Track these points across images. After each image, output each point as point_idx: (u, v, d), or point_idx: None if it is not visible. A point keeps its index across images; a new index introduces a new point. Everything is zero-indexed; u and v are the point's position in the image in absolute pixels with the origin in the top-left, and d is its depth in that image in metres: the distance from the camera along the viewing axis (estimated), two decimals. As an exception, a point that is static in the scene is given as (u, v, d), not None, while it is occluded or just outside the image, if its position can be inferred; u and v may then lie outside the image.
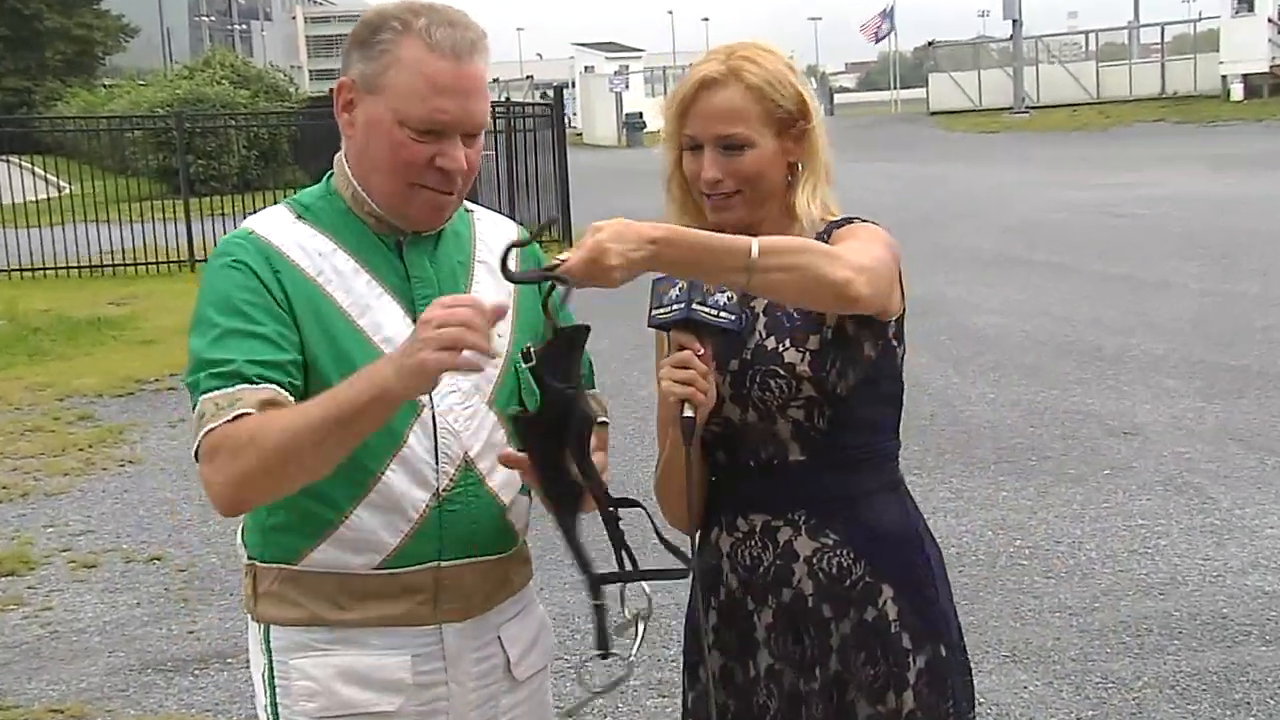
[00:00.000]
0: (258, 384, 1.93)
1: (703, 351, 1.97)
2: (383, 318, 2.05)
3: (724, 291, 1.91)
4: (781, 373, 2.07)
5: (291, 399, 1.95)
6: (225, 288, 2.00)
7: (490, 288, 2.10)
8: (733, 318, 1.95)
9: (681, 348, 1.98)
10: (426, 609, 2.11)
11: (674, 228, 1.82)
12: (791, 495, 2.16)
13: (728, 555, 2.21)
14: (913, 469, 6.17)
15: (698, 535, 2.10)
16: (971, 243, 14.32)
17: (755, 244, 1.83)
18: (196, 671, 5.09)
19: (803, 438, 2.11)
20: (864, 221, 2.15)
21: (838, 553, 2.15)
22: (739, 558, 2.21)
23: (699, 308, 1.93)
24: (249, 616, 2.17)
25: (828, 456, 2.14)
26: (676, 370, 1.99)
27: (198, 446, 1.94)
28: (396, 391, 1.82)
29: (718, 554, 2.22)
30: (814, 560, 2.15)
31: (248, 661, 2.23)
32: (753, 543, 2.19)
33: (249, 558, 2.14)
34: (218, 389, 1.93)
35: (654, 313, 1.94)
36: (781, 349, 2.09)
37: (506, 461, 1.99)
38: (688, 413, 1.98)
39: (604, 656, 1.87)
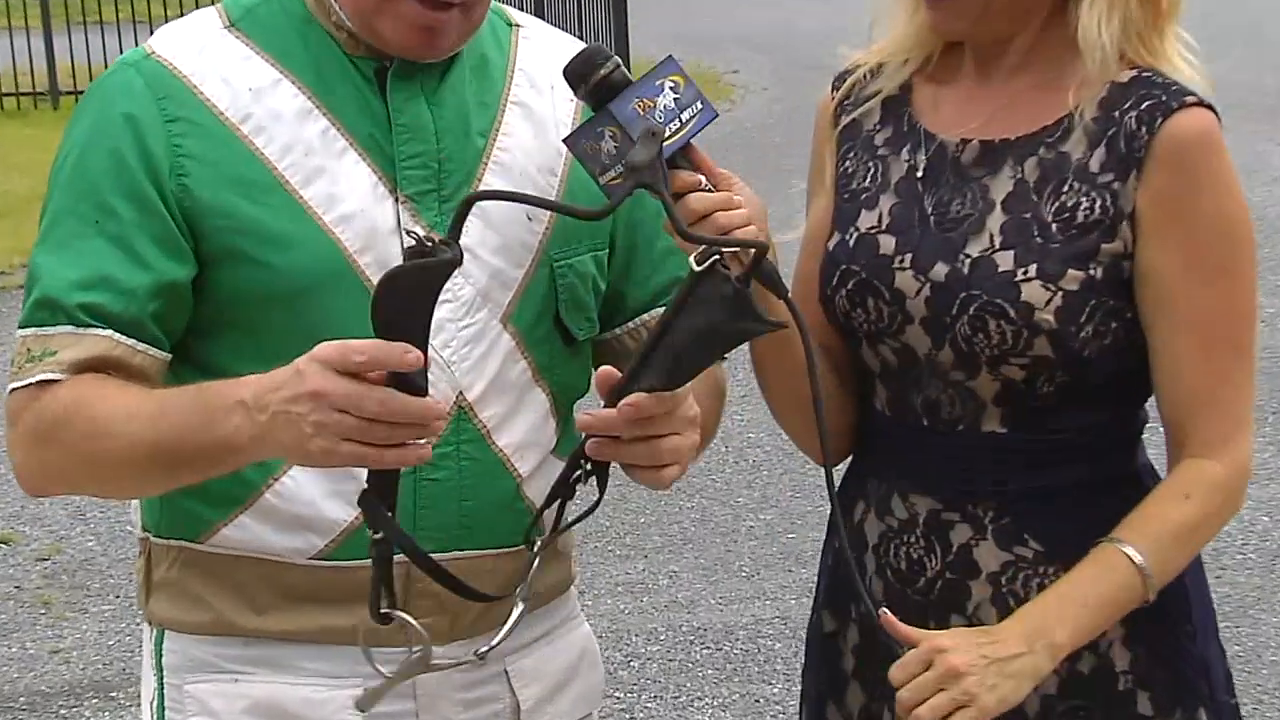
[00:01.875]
0: (84, 328, 1.66)
1: (703, 179, 1.65)
2: (343, 186, 1.71)
3: (657, 88, 1.64)
4: (1011, 314, 1.74)
5: (141, 349, 1.68)
6: (82, 154, 1.71)
7: (522, 150, 1.78)
8: (698, 108, 1.65)
9: (677, 194, 1.63)
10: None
11: (1055, 629, 1.71)
12: (978, 479, 1.83)
13: (874, 549, 1.90)
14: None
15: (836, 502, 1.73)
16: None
17: (1138, 566, 1.72)
18: (65, 711, 3.97)
19: (1013, 404, 1.81)
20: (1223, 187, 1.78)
21: (1039, 571, 1.82)
22: (890, 556, 1.88)
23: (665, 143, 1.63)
24: (143, 620, 1.88)
25: (1041, 434, 1.82)
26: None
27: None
28: (250, 453, 1.57)
29: (860, 543, 1.89)
30: (1003, 579, 1.83)
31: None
32: (912, 538, 1.87)
33: (142, 529, 1.85)
34: (36, 325, 1.68)
35: (608, 181, 1.64)
36: (1021, 277, 1.75)
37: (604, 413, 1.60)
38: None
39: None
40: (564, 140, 1.65)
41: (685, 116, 1.63)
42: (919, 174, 1.82)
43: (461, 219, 1.47)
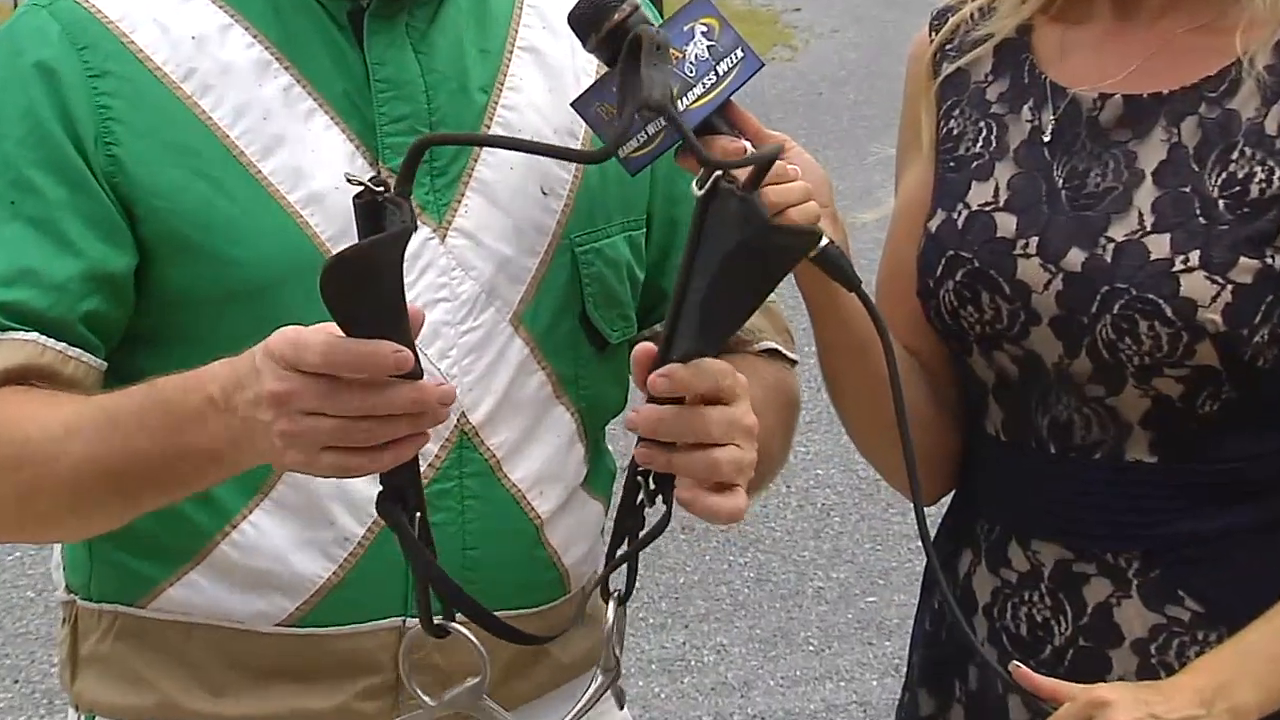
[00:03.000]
0: (2, 331, 1.68)
1: (747, 145, 1.67)
2: (311, 158, 1.74)
3: (686, 34, 1.67)
4: (1168, 312, 1.75)
5: (74, 354, 1.71)
6: None
7: (533, 108, 1.82)
8: (738, 56, 1.67)
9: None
10: (379, 705, 1.82)
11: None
12: (1120, 522, 1.86)
13: (985, 610, 1.91)
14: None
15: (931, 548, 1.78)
16: None
17: None
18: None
19: (1165, 427, 1.81)
20: None
21: (1198, 637, 1.83)
22: (1007, 618, 1.90)
23: (694, 104, 1.66)
24: (69, 705, 1.91)
25: (1201, 465, 1.85)
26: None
27: None
28: (231, 461, 1.58)
29: (968, 604, 1.91)
30: (1152, 647, 1.84)
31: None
32: (1035, 596, 1.88)
33: (67, 590, 1.89)
34: None
35: (630, 153, 1.68)
36: (1180, 266, 1.75)
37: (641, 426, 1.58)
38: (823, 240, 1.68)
39: None
40: (572, 104, 1.67)
41: (722, 69, 1.66)
42: (1045, 137, 1.84)
43: (411, 166, 1.46)
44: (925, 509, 1.77)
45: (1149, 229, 1.78)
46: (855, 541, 5.37)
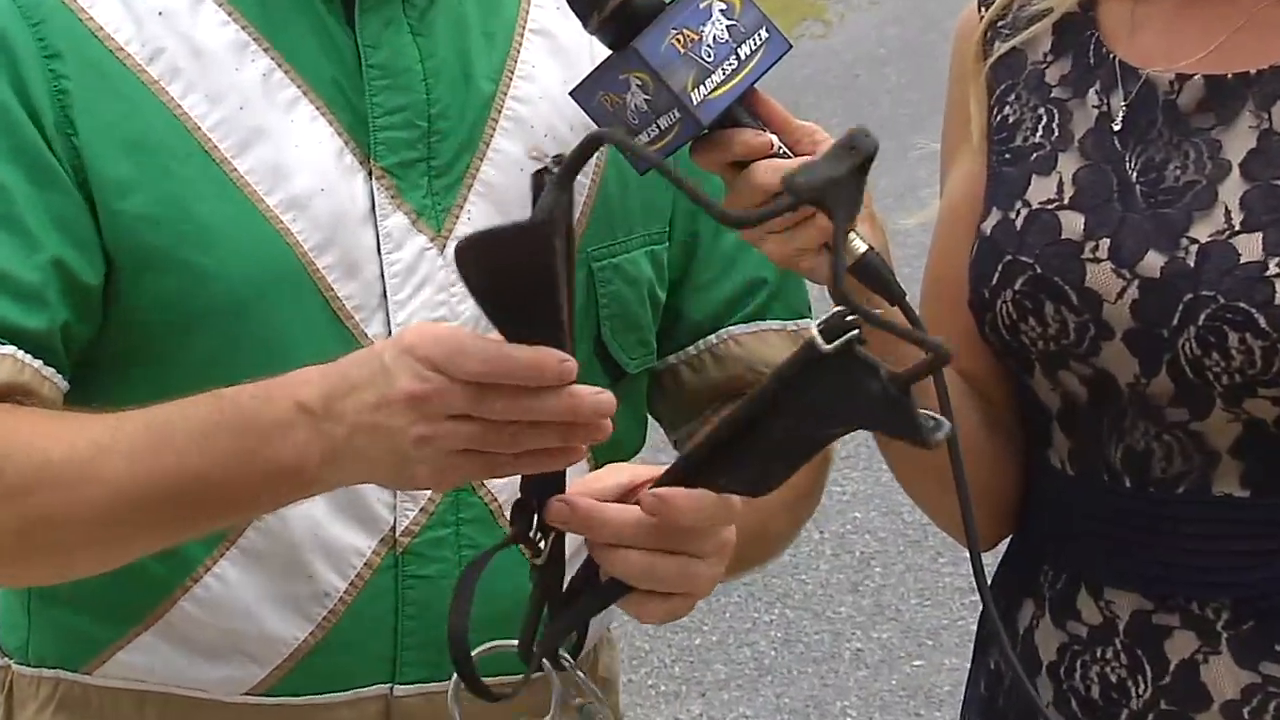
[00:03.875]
0: None
1: (774, 139, 1.70)
2: (294, 154, 1.78)
3: (703, 13, 1.68)
4: (1261, 323, 1.77)
5: (48, 374, 1.73)
6: None
7: (547, 98, 1.85)
8: (762, 37, 1.69)
9: (738, 162, 1.69)
10: None
11: None
12: (1207, 566, 1.87)
13: (1050, 670, 1.93)
14: None
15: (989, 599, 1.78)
16: None
17: None
18: None
19: (1258, 456, 1.84)
20: None
21: None
22: (1076, 679, 1.92)
23: (713, 93, 1.67)
24: None
25: None
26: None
27: None
28: (317, 481, 1.60)
29: (1031, 661, 1.93)
30: (1245, 711, 1.86)
31: None
32: (1110, 653, 1.90)
33: (0, 654, 1.91)
34: None
35: (647, 146, 1.69)
36: (1275, 270, 1.79)
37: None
38: (858, 245, 1.70)
39: None
40: (572, 94, 1.70)
41: (744, 52, 1.68)
42: (1115, 124, 1.86)
43: (578, 166, 1.48)
44: (982, 554, 1.78)
45: (1238, 228, 1.80)
46: (900, 596, 5.38)
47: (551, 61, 1.85)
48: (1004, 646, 1.78)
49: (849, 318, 1.48)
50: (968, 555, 1.79)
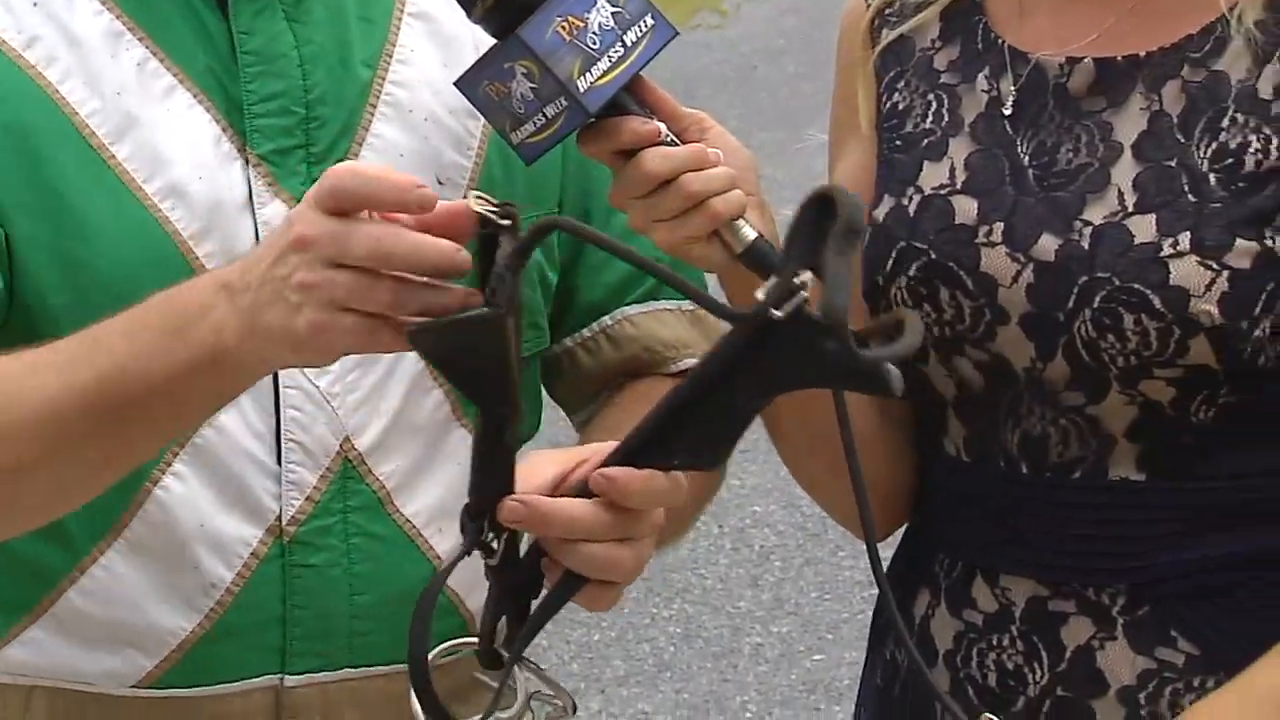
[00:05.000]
0: None
1: (662, 127, 1.72)
2: (170, 142, 1.80)
3: (587, 1, 1.70)
4: (1156, 304, 1.79)
5: None
6: None
7: (427, 84, 1.88)
8: (648, 25, 1.71)
9: (625, 151, 1.71)
10: None
11: None
12: (1103, 551, 1.89)
13: (947, 658, 1.94)
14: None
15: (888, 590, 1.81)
16: None
17: None
18: None
19: (1155, 439, 1.86)
20: None
21: (1194, 684, 1.87)
22: (973, 666, 1.94)
23: (599, 80, 1.69)
24: None
25: (1195, 483, 1.88)
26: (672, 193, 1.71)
27: None
28: (240, 360, 1.57)
29: (927, 651, 1.94)
30: (1141, 696, 1.88)
31: None
32: (1006, 639, 1.92)
33: None
34: None
35: (525, 139, 1.73)
36: (1169, 251, 1.82)
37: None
38: (747, 232, 1.73)
39: None
40: (456, 84, 1.71)
41: (630, 39, 1.69)
42: (1006, 109, 1.88)
43: (529, 248, 1.49)
44: (879, 545, 1.79)
45: (1131, 209, 1.82)
46: (799, 590, 5.40)
47: (430, 46, 1.87)
48: (901, 634, 1.79)
49: (797, 279, 1.50)
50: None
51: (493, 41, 1.78)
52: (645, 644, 5.15)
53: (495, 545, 1.57)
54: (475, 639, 1.62)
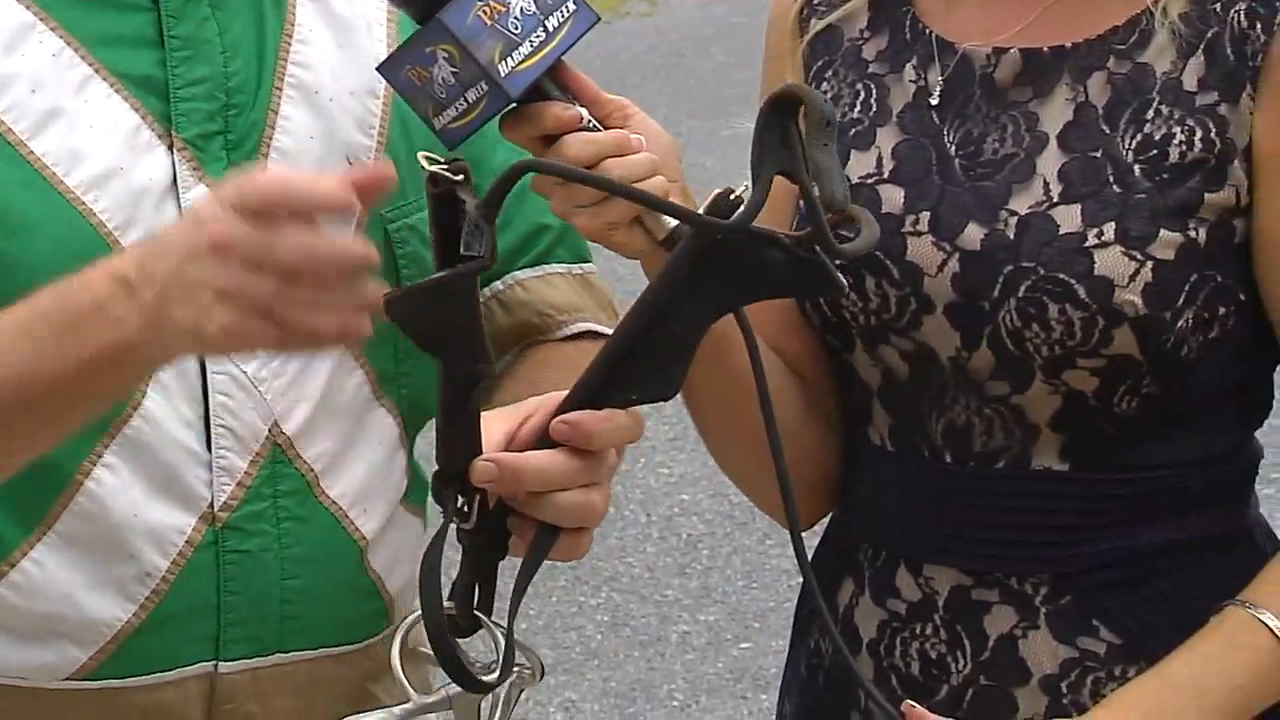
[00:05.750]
0: None
1: (584, 113, 1.73)
2: (90, 134, 1.79)
3: None
4: (1080, 294, 1.81)
5: None
6: None
7: (326, 65, 1.88)
8: (569, 9, 1.71)
9: (548, 136, 1.72)
10: None
11: None
12: (1026, 541, 1.90)
13: (871, 647, 1.95)
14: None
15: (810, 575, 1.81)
16: None
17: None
18: None
19: (1078, 429, 1.87)
20: None
21: (1115, 673, 1.88)
22: (896, 656, 1.95)
23: (521, 65, 1.68)
24: None
25: (1118, 473, 1.90)
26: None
27: None
28: (144, 354, 1.57)
29: (850, 641, 1.94)
30: (1063, 685, 1.90)
31: None
32: (929, 629, 1.93)
33: None
34: None
35: (447, 124, 1.72)
36: (1094, 241, 1.85)
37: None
38: (669, 220, 1.73)
39: None
40: (379, 69, 1.71)
41: (552, 24, 1.69)
42: (933, 99, 1.88)
43: (502, 193, 1.50)
44: (803, 533, 1.79)
45: (1056, 199, 1.83)
46: (727, 579, 5.40)
47: (324, 28, 1.87)
48: (826, 622, 1.80)
49: (733, 195, 1.54)
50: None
51: (382, 21, 1.82)
52: (572, 632, 5.14)
53: (467, 510, 1.57)
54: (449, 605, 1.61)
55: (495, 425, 1.61)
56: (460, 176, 1.51)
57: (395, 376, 1.87)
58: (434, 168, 1.50)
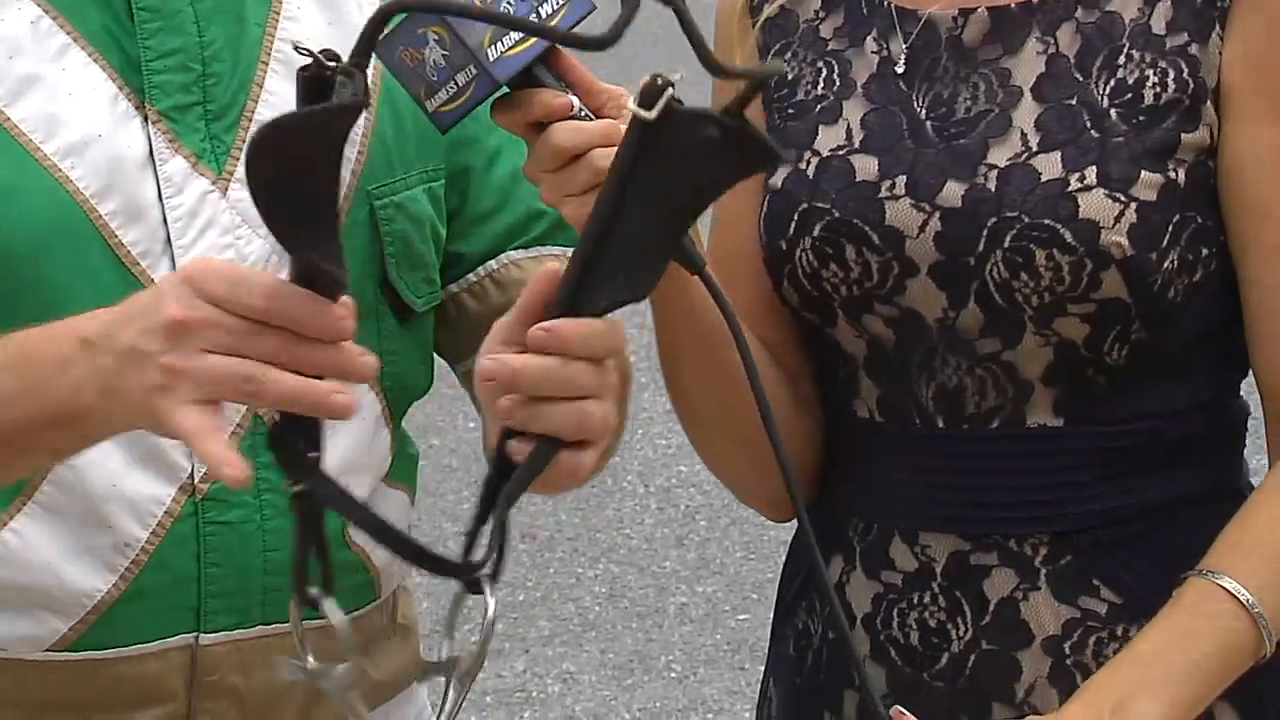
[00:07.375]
0: None
1: (575, 101, 1.72)
2: (67, 102, 1.81)
3: None
4: (1067, 238, 1.82)
5: None
6: None
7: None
8: None
9: (539, 124, 1.71)
10: None
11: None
12: (1024, 502, 1.91)
13: (866, 621, 1.97)
14: None
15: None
16: None
17: (1247, 606, 1.81)
18: None
19: (1070, 382, 1.88)
20: None
21: (1118, 633, 1.90)
22: (893, 628, 1.96)
23: (510, 50, 1.68)
24: None
25: (1113, 425, 1.90)
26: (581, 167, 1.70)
27: None
28: (101, 420, 1.56)
29: (848, 617, 1.95)
30: (1066, 646, 1.91)
31: None
32: (927, 597, 1.94)
33: None
34: None
35: (439, 107, 1.72)
36: (1076, 185, 1.86)
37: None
38: None
39: None
40: (374, 49, 1.71)
41: (546, 10, 1.69)
42: (899, 67, 1.89)
43: (376, 32, 1.47)
44: (780, 525, 1.78)
45: (1035, 149, 1.84)
46: (725, 550, 5.43)
47: (314, 6, 1.87)
48: (829, 595, 1.79)
49: (659, 82, 1.50)
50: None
51: (372, 3, 1.80)
52: (571, 604, 5.17)
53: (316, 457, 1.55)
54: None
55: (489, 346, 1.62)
56: (333, 62, 1.47)
57: (378, 355, 1.84)
58: (307, 58, 1.48)
